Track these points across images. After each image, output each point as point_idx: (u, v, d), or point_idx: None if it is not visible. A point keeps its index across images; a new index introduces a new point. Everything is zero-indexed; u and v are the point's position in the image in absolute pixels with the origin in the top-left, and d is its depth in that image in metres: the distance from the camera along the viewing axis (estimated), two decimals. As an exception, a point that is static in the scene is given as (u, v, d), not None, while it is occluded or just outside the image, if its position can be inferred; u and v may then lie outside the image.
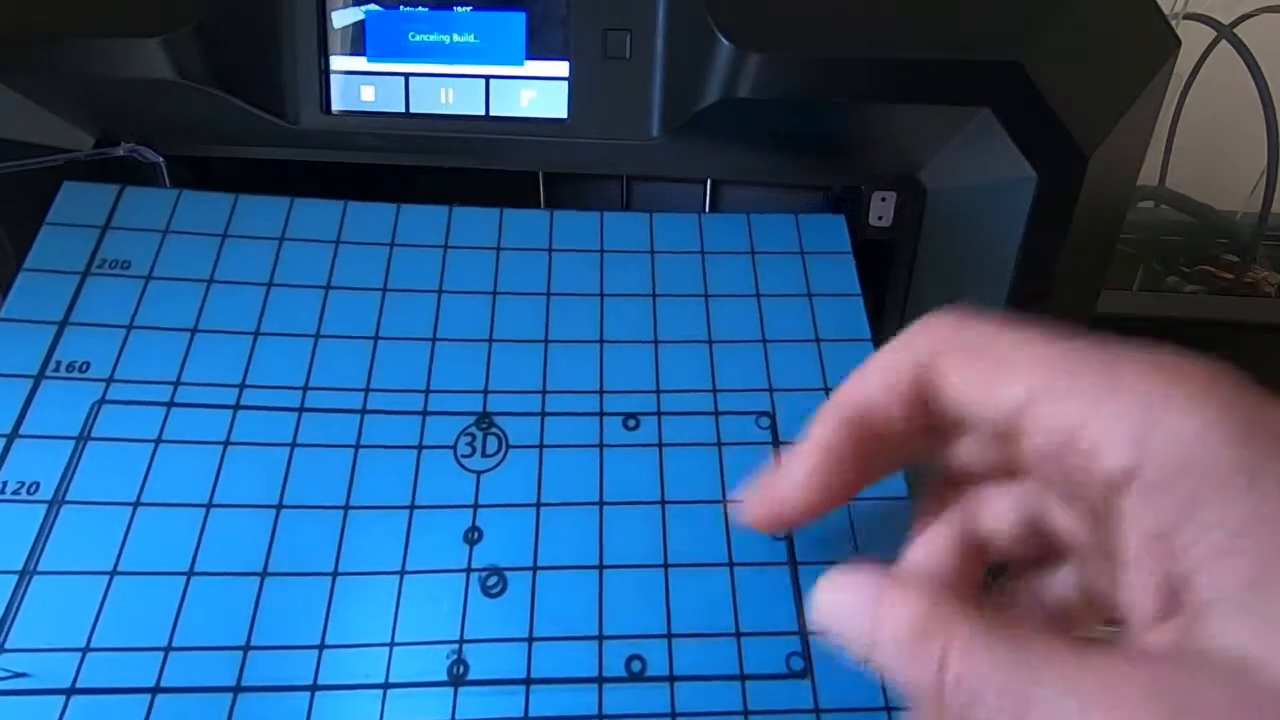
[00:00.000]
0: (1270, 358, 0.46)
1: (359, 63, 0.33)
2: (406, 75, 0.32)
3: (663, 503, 0.26)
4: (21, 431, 0.26)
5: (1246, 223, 0.62)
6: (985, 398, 0.16)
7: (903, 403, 0.18)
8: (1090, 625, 0.18)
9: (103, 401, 0.27)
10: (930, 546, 0.20)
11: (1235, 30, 0.60)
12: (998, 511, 0.19)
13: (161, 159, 0.34)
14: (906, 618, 0.15)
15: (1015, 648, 0.14)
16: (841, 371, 0.29)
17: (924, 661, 0.14)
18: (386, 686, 0.23)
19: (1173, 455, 0.13)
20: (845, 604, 0.17)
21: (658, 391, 0.29)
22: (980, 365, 0.16)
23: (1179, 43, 0.31)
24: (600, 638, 0.24)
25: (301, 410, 0.28)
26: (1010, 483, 0.18)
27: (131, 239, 0.31)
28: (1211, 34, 0.62)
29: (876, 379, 0.19)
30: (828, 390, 0.29)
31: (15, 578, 0.24)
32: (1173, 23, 0.49)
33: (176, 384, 0.28)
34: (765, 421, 0.28)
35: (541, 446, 0.27)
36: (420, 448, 0.27)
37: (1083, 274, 0.33)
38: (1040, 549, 0.18)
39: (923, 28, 0.28)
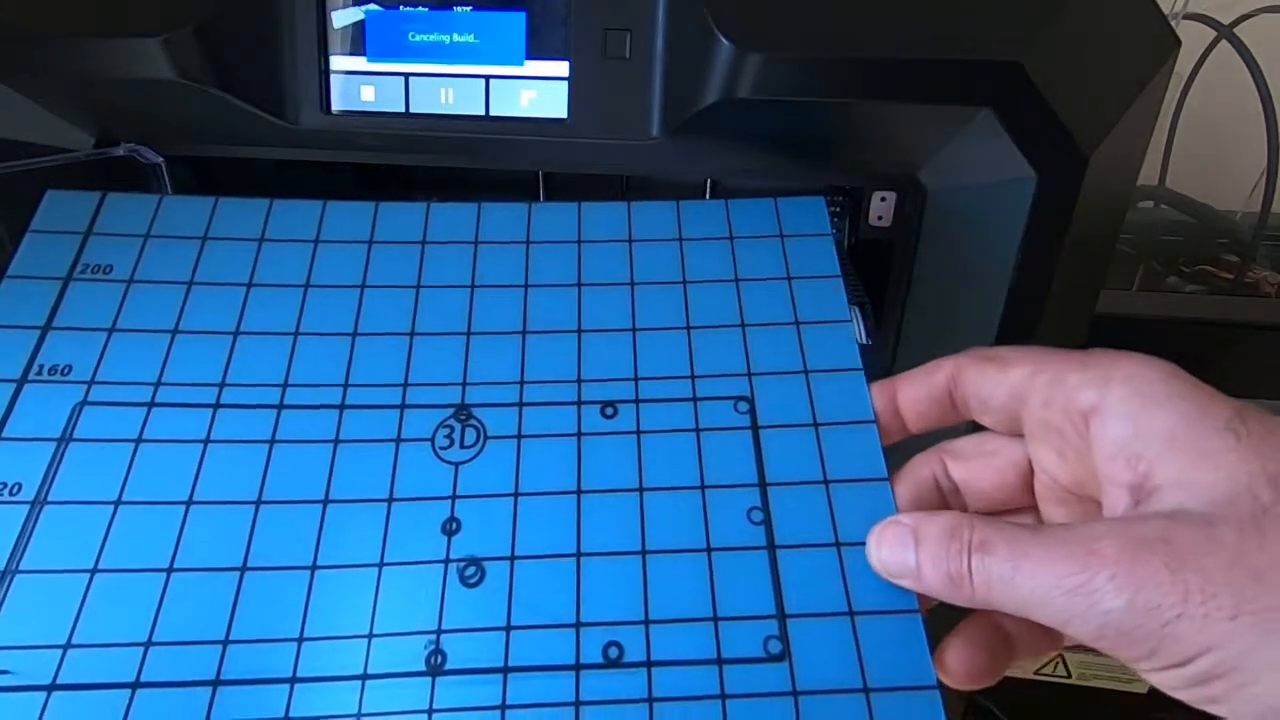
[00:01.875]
0: (1270, 358, 0.46)
1: (359, 63, 0.33)
2: (406, 75, 0.32)
3: (640, 490, 0.26)
4: (4, 434, 0.26)
5: (1246, 223, 0.62)
6: (1000, 380, 0.23)
7: (931, 398, 0.25)
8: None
9: (84, 403, 0.27)
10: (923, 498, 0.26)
11: (1235, 30, 0.60)
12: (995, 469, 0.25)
13: (161, 159, 0.34)
14: (941, 524, 0.21)
15: (1019, 530, 0.20)
16: (821, 354, 0.29)
17: (954, 551, 0.20)
18: (365, 678, 0.23)
19: (1123, 393, 0.20)
20: (891, 536, 0.23)
21: (635, 379, 0.29)
22: (995, 363, 0.24)
23: (1179, 43, 0.31)
24: (578, 625, 0.24)
25: (280, 407, 0.28)
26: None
27: (113, 244, 0.31)
28: (1211, 34, 0.62)
29: (919, 379, 0.26)
30: (807, 373, 0.29)
31: None
32: (1173, 23, 0.49)
33: (157, 384, 0.28)
34: (744, 406, 0.28)
35: (519, 437, 0.27)
36: (398, 441, 0.27)
37: (1083, 274, 0.33)
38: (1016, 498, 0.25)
39: (923, 28, 0.28)
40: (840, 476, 0.26)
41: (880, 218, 0.35)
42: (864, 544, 0.25)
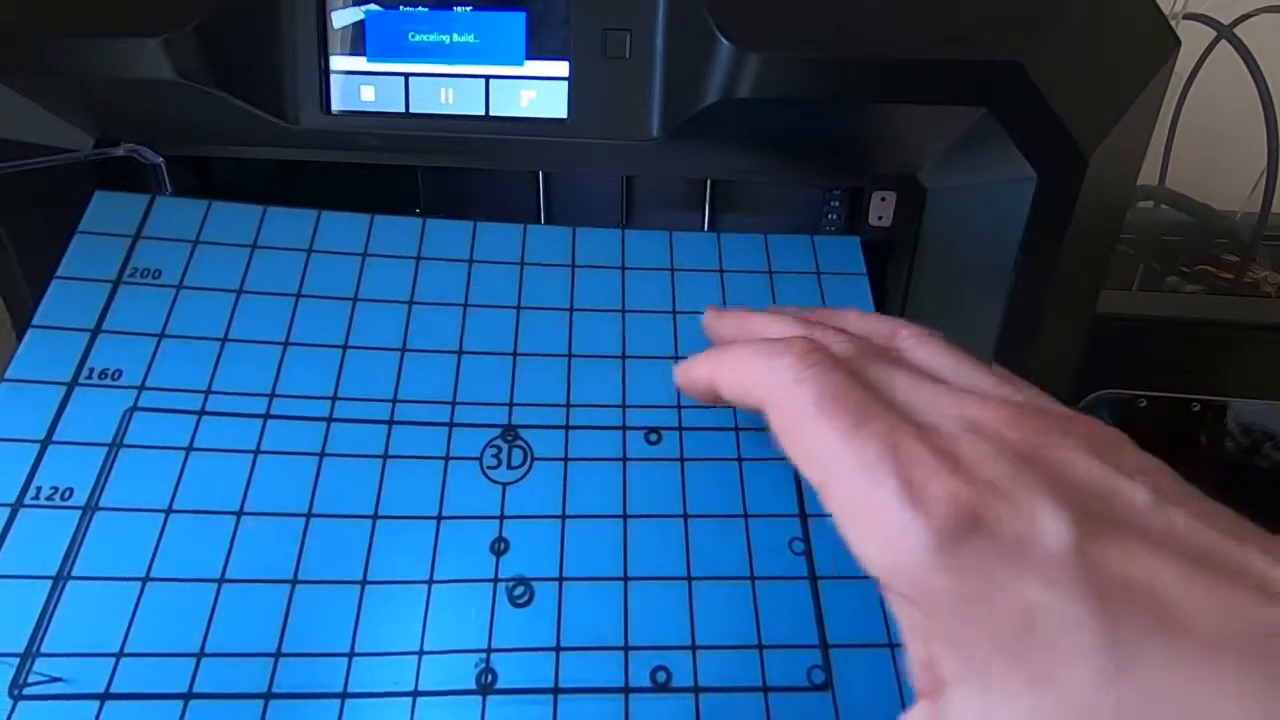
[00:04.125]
0: (1270, 358, 0.46)
1: (359, 63, 0.33)
2: (406, 75, 0.32)
3: (685, 516, 0.26)
4: (55, 438, 0.26)
5: (1246, 223, 0.62)
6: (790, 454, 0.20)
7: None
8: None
9: (135, 409, 0.27)
10: None
11: (1235, 30, 0.60)
12: None
13: (161, 159, 0.34)
14: None
15: None
16: None
17: None
18: (415, 694, 0.23)
19: (912, 583, 0.17)
20: None
21: (679, 407, 0.29)
22: (788, 428, 0.20)
23: (1179, 43, 0.31)
24: (626, 648, 0.24)
25: (330, 420, 0.28)
26: None
27: (162, 248, 0.31)
28: (1211, 34, 0.62)
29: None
30: None
31: (50, 583, 0.24)
32: (1173, 23, 0.49)
33: (207, 392, 0.28)
34: None
35: (566, 459, 0.28)
36: (447, 459, 0.27)
37: (1083, 274, 0.33)
38: None
39: (922, 28, 0.28)
40: None
41: (880, 218, 0.35)
42: None
